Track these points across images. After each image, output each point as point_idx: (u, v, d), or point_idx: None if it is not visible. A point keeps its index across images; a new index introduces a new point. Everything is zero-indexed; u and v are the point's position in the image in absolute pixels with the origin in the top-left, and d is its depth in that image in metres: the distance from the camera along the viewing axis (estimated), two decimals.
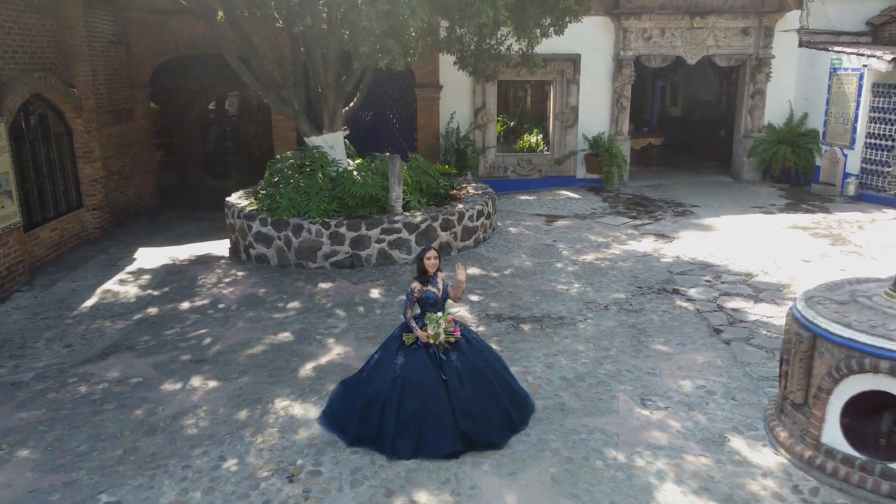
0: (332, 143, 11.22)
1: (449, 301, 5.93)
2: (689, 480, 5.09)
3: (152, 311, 8.91)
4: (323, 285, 9.64)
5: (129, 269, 10.74)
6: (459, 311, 8.27)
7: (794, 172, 15.77)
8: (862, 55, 13.80)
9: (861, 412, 4.97)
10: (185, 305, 9.06)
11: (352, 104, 11.87)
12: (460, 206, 11.11)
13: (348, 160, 11.52)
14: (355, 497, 4.96)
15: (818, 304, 5.28)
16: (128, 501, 4.99)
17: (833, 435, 5.05)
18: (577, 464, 5.32)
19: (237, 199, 11.63)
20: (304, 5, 9.94)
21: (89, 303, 9.27)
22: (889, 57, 13.06)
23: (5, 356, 7.61)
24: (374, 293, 9.30)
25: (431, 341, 5.57)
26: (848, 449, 4.97)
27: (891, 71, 13.19)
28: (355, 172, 10.92)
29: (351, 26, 9.32)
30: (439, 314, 5.67)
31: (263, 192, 11.11)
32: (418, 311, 5.78)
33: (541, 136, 16.91)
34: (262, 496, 5.00)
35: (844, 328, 4.89)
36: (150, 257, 11.35)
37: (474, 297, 9.00)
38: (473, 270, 10.07)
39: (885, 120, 13.65)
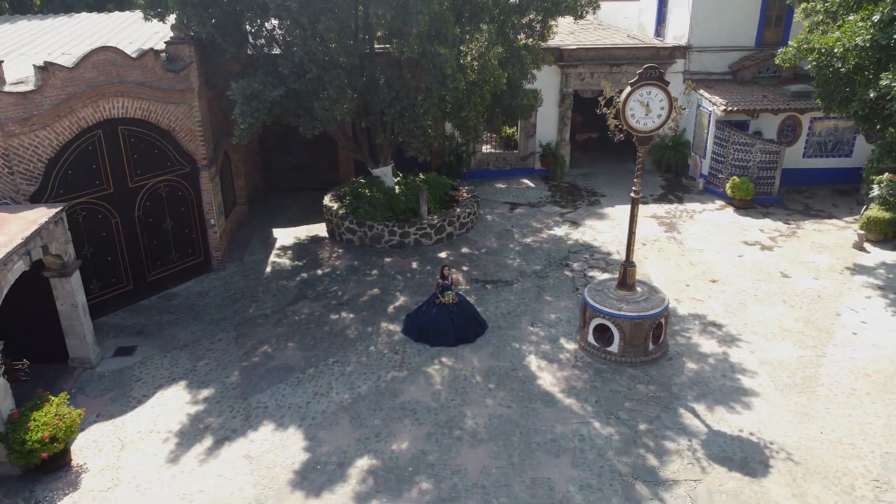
0: (385, 174, 19.69)
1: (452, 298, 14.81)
2: (541, 355, 14.14)
3: (304, 275, 17.81)
4: (387, 259, 18.48)
5: (277, 246, 19.54)
6: (459, 278, 17.14)
7: (675, 167, 24.25)
8: (712, 103, 21.95)
9: (597, 330, 13.97)
10: (319, 272, 17.95)
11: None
12: (458, 209, 19.76)
13: (393, 180, 20.01)
14: (420, 358, 14.02)
15: (588, 291, 14.18)
16: (336, 361, 14.06)
17: (590, 338, 14.07)
18: (501, 347, 14.37)
19: (329, 201, 20.23)
20: (373, 126, 18.10)
21: (268, 270, 18.15)
22: (721, 108, 21.28)
23: (248, 301, 16.55)
24: (414, 265, 18.15)
25: (447, 301, 14.50)
26: (594, 342, 14.01)
27: (723, 115, 21.43)
28: (398, 190, 19.49)
29: (402, 132, 17.24)
30: (449, 291, 14.56)
31: (348, 200, 19.72)
32: (440, 290, 14.69)
33: (514, 132, 25.11)
34: (386, 358, 14.05)
35: (594, 302, 13.81)
36: (284, 237, 20.11)
37: (465, 268, 17.88)
38: (464, 249, 18.88)
39: (721, 143, 22.01)
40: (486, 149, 25.01)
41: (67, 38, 18.48)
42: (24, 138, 13.41)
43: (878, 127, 15.28)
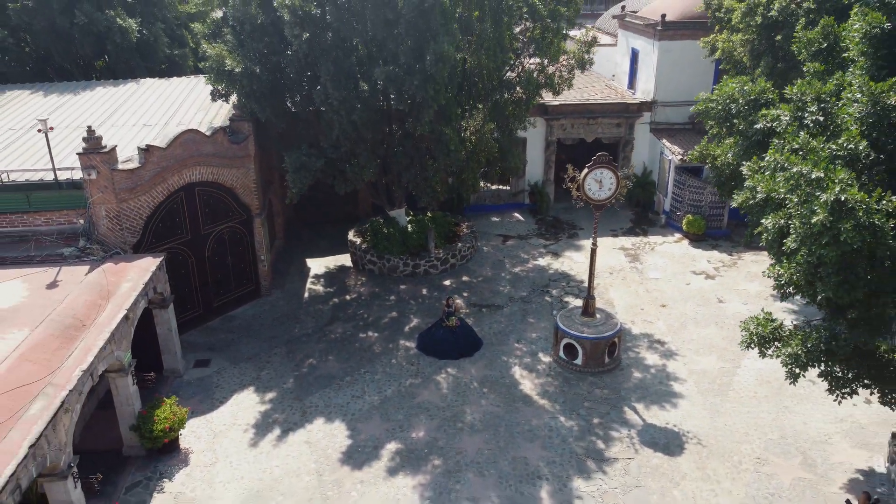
0: (399, 215, 23.99)
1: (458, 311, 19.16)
2: (523, 367, 18.46)
3: (335, 300, 22.13)
4: (402, 286, 22.79)
5: (311, 275, 23.86)
6: (460, 303, 21.43)
7: (643, 202, 28.57)
8: (671, 152, 26.24)
9: (566, 347, 18.28)
10: (347, 297, 22.28)
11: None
12: (459, 244, 24.06)
13: (406, 219, 24.30)
14: (431, 368, 18.32)
15: (559, 317, 18.50)
16: (367, 370, 18.37)
17: (560, 353, 18.37)
18: (493, 360, 18.68)
19: (353, 236, 24.54)
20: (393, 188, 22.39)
21: (306, 296, 22.47)
22: (678, 157, 25.57)
23: (293, 322, 20.87)
24: (424, 291, 22.47)
25: (451, 324, 18.83)
26: (564, 357, 18.32)
27: (680, 163, 25.73)
28: (410, 229, 23.80)
29: (415, 189, 21.50)
30: (452, 317, 18.90)
31: (369, 236, 24.03)
32: (445, 315, 19.02)
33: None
34: (405, 368, 18.37)
35: (563, 326, 18.13)
36: (316, 266, 24.44)
37: (465, 294, 22.19)
38: (464, 278, 23.19)
39: (679, 185, 26.32)
40: (482, 184, 29.25)
41: (145, 107, 22.70)
42: (131, 203, 17.75)
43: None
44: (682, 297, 21.71)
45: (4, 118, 21.80)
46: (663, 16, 26.75)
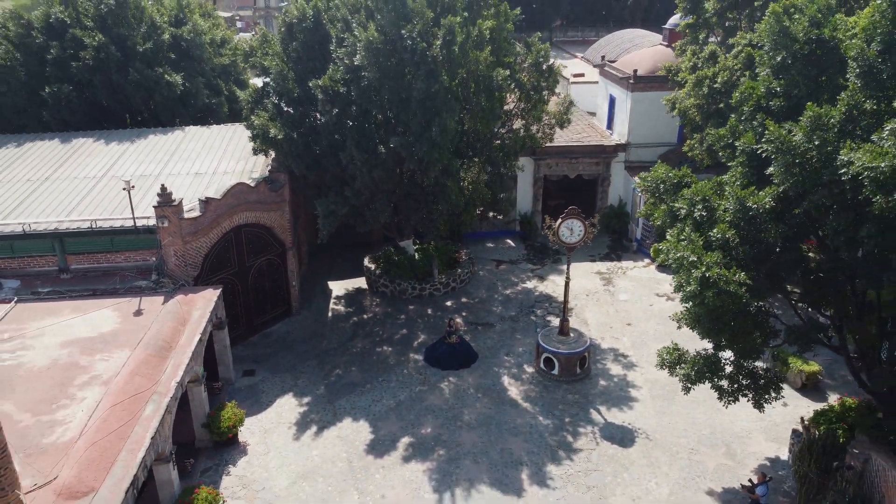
0: (408, 245, 28.23)
1: (458, 322, 23.43)
2: (511, 376, 22.71)
3: (355, 318, 26.39)
4: (410, 307, 27.04)
5: (333, 296, 28.12)
6: (460, 322, 25.67)
7: (619, 229, 32.82)
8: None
9: (545, 360, 22.52)
10: (364, 316, 26.53)
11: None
12: (459, 270, 28.31)
13: (413, 248, 28.52)
14: (435, 377, 22.56)
15: (540, 336, 22.76)
16: (384, 379, 22.61)
17: (541, 366, 22.61)
18: (486, 371, 22.93)
19: (368, 262, 28.78)
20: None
21: (329, 315, 26.73)
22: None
23: (320, 339, 25.13)
24: (429, 311, 26.72)
25: (451, 341, 23.09)
26: (543, 368, 22.56)
27: None
28: (417, 257, 28.04)
29: (422, 228, 25.75)
30: (453, 335, 23.16)
31: (382, 262, 28.27)
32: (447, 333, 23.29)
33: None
34: (414, 377, 22.61)
35: (543, 343, 22.38)
36: (337, 288, 28.69)
37: (464, 314, 26.44)
38: (463, 299, 27.43)
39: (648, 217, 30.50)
40: (478, 210, 33.47)
41: (193, 156, 26.87)
42: (194, 244, 21.98)
43: None
44: (646, 317, 25.95)
45: (79, 167, 25.98)
46: (635, 71, 31.00)
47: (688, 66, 26.15)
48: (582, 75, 44.48)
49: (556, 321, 25.14)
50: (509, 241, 32.90)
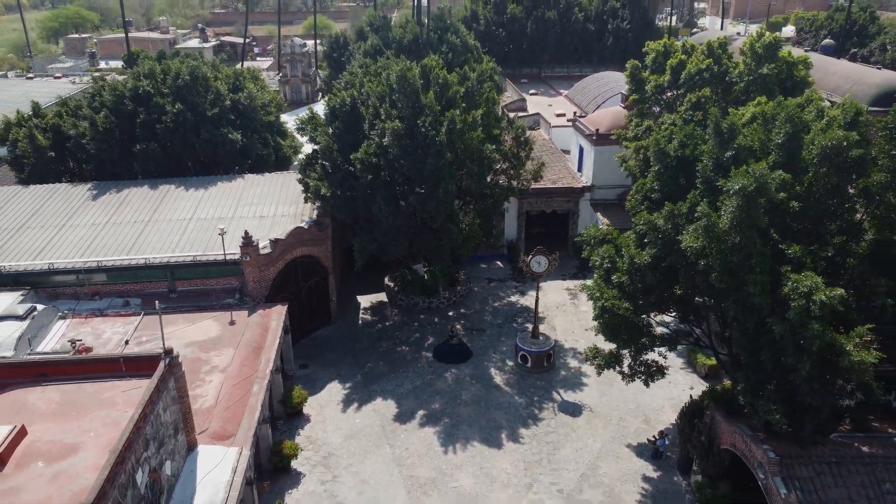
0: (419, 268, 36.56)
1: (458, 328, 31.80)
2: (496, 368, 31.08)
3: (379, 326, 34.78)
4: (421, 317, 35.40)
5: (361, 308, 36.49)
6: (460, 328, 34.01)
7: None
8: (602, 222, 38.79)
9: (521, 356, 30.85)
10: (387, 324, 34.92)
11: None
12: (459, 287, 36.68)
13: (423, 270, 36.84)
14: (442, 369, 30.91)
15: (518, 339, 31.12)
16: (403, 370, 30.97)
17: (518, 360, 30.93)
18: (479, 364, 31.29)
19: (388, 281, 37.15)
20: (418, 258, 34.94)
21: (360, 323, 35.12)
22: (606, 224, 38.15)
23: (354, 342, 33.49)
24: (436, 320, 35.08)
25: (453, 342, 31.46)
26: (520, 362, 30.89)
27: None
28: (426, 277, 36.39)
29: (432, 258, 34.08)
30: (454, 338, 31.53)
31: (399, 281, 36.64)
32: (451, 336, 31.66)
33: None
34: (426, 369, 30.97)
35: (520, 344, 30.71)
36: (364, 301, 37.07)
37: (463, 321, 34.80)
38: (462, 310, 35.79)
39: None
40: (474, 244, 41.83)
41: (256, 201, 35.13)
42: (266, 272, 30.34)
43: None
44: None
45: (171, 210, 34.26)
46: (597, 129, 39.37)
47: (630, 136, 34.50)
48: (563, 115, 52.77)
49: (531, 327, 33.52)
50: (499, 262, 41.27)
